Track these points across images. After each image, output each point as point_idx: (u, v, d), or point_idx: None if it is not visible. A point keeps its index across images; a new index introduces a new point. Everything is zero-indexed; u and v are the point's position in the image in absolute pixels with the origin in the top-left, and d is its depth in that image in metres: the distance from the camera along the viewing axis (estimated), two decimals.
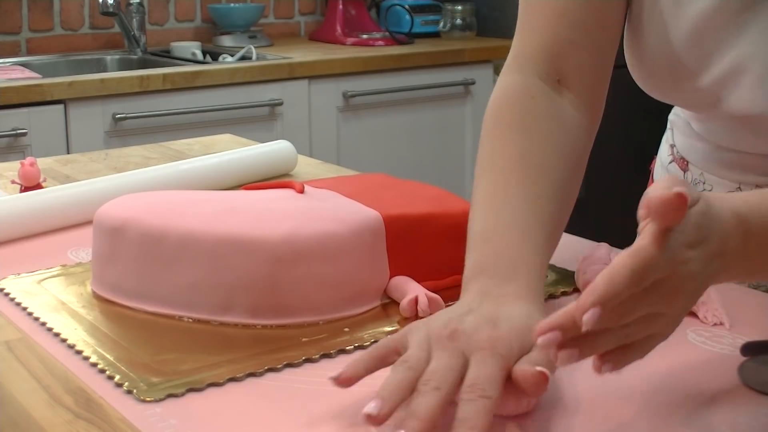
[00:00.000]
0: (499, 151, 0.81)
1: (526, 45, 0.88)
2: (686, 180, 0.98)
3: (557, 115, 0.84)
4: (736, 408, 0.64)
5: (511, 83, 0.87)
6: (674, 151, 1.01)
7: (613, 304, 0.56)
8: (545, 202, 0.77)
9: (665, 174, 1.04)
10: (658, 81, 0.89)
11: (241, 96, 2.52)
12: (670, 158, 1.02)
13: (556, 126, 0.83)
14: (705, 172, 0.97)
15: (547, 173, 0.79)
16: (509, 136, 0.82)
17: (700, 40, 0.83)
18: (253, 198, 0.87)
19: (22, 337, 0.77)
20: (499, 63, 3.02)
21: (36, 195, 1.06)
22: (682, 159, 0.99)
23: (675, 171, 1.01)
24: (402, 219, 0.84)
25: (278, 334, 0.76)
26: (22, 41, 2.77)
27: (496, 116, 0.85)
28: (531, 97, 0.85)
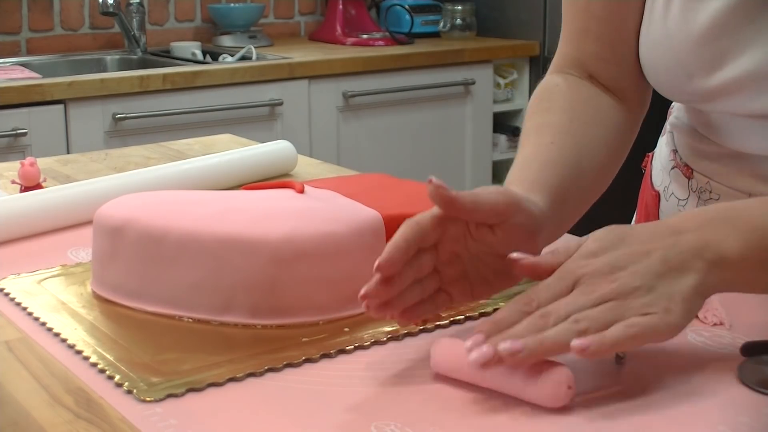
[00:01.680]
0: (526, 130, 0.87)
1: (561, 54, 0.96)
2: (692, 187, 0.96)
3: (580, 94, 0.91)
4: (736, 408, 0.64)
5: (556, 79, 0.93)
6: (677, 157, 0.99)
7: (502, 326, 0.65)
8: (557, 147, 0.83)
9: (667, 177, 1.01)
10: (671, 77, 0.88)
11: (241, 96, 2.52)
12: (673, 163, 1.00)
13: (578, 100, 0.90)
14: (712, 181, 0.94)
15: (565, 132, 0.85)
16: (535, 116, 0.89)
17: (717, 36, 0.83)
18: (253, 198, 0.87)
19: (22, 337, 0.77)
20: (499, 63, 3.02)
21: (36, 195, 1.06)
22: (687, 166, 0.97)
23: (679, 178, 0.98)
24: (402, 219, 0.84)
25: (278, 334, 0.76)
26: (22, 41, 2.77)
27: (530, 109, 0.91)
28: (556, 85, 0.92)
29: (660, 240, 0.67)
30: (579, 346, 0.62)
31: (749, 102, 0.83)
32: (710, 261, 0.66)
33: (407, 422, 0.62)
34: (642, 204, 1.10)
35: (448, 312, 0.79)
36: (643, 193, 1.10)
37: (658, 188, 1.03)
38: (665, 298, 0.65)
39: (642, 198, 1.10)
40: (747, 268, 0.67)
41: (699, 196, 0.96)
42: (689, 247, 0.67)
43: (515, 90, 3.08)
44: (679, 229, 0.68)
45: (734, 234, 0.67)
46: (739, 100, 0.84)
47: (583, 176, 0.84)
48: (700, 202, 0.95)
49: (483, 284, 0.73)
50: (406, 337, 0.76)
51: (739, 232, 0.67)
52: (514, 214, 0.71)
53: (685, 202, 0.98)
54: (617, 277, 0.65)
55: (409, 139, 2.86)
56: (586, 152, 0.85)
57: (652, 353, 0.71)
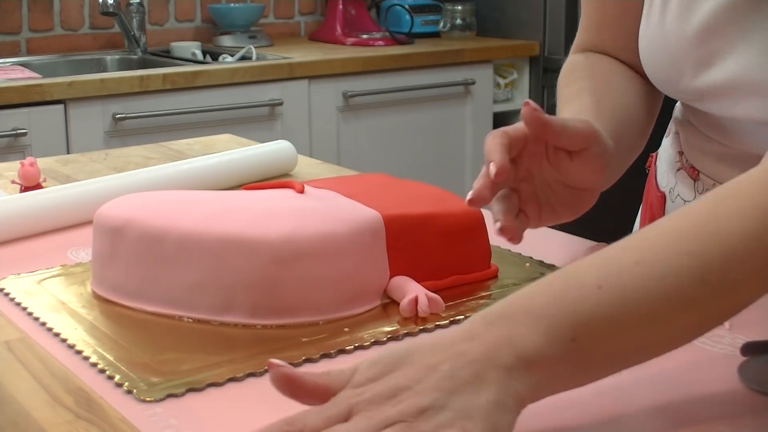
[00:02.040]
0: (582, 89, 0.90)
1: (581, 39, 1.00)
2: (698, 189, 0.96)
3: (627, 73, 0.95)
4: (736, 408, 0.64)
5: (579, 57, 0.98)
6: (683, 159, 0.99)
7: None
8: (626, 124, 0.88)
9: (672, 178, 1.00)
10: (665, 75, 0.89)
11: (241, 96, 2.52)
12: (678, 165, 0.99)
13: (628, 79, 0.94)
14: (717, 183, 0.92)
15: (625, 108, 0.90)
16: (589, 81, 0.92)
17: (708, 38, 0.83)
18: (253, 198, 0.87)
19: (22, 337, 0.77)
20: (499, 63, 3.02)
21: (36, 195, 1.06)
22: (693, 168, 0.97)
23: (685, 180, 0.98)
24: (402, 219, 0.84)
25: (278, 334, 0.76)
26: (22, 41, 2.77)
27: (571, 72, 0.96)
28: (578, 60, 0.97)
29: (445, 351, 0.56)
30: None
31: (733, 106, 0.84)
32: (507, 366, 0.55)
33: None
34: (647, 204, 1.10)
35: (447, 312, 0.80)
36: (648, 193, 1.10)
37: (663, 189, 1.03)
38: (461, 417, 0.53)
39: (647, 198, 1.10)
40: (551, 364, 0.56)
41: None
42: (480, 354, 0.55)
43: (515, 90, 3.08)
44: (467, 335, 0.57)
45: (528, 326, 0.56)
46: (724, 103, 0.84)
47: (628, 130, 0.88)
48: None
49: (549, 211, 0.78)
50: (406, 337, 0.76)
51: (534, 324, 0.56)
52: (595, 144, 0.77)
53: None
54: (401, 399, 0.54)
55: (409, 139, 2.86)
56: (625, 110, 0.89)
57: None
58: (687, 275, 0.57)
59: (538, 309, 0.57)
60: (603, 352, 0.58)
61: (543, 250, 0.95)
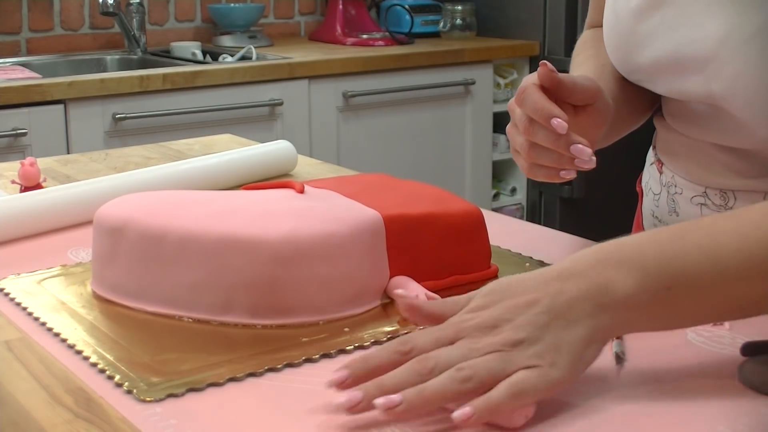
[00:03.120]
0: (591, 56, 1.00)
1: (591, 19, 1.08)
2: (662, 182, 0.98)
3: None
4: (736, 408, 0.64)
5: (593, 30, 1.06)
6: (655, 153, 1.02)
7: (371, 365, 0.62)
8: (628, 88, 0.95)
9: (647, 174, 1.04)
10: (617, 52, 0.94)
11: (241, 96, 2.52)
12: (652, 159, 1.02)
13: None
14: (676, 175, 0.96)
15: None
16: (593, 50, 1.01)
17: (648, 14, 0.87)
18: (253, 198, 0.87)
19: (22, 337, 0.77)
20: (499, 63, 3.02)
21: (36, 195, 1.06)
22: (659, 161, 1.00)
23: (654, 173, 1.01)
24: (402, 219, 0.84)
25: (278, 334, 0.76)
26: (22, 41, 2.77)
27: (584, 42, 1.05)
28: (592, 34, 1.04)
29: (545, 288, 0.64)
30: (462, 416, 0.58)
31: (675, 82, 0.87)
32: (600, 304, 0.63)
33: (407, 422, 0.62)
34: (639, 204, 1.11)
35: None
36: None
37: (642, 185, 1.05)
38: (551, 350, 0.61)
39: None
40: (642, 307, 0.63)
41: (668, 190, 0.98)
42: (576, 293, 0.63)
43: (515, 90, 3.07)
44: (566, 274, 0.64)
45: (625, 273, 0.63)
46: (668, 80, 0.87)
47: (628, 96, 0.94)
48: (669, 197, 0.97)
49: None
50: None
51: (630, 270, 0.63)
52: (599, 99, 0.83)
53: (658, 197, 1.00)
54: (501, 330, 0.62)
55: (409, 139, 2.86)
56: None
57: (652, 353, 0.71)
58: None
59: (639, 257, 0.64)
60: (694, 304, 0.64)
61: (543, 250, 0.95)
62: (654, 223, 1.01)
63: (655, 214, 1.01)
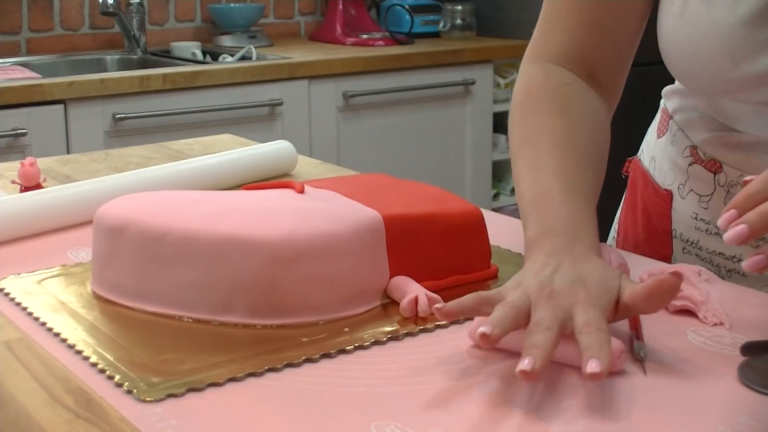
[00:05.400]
0: (541, 131, 0.88)
1: (556, 44, 0.96)
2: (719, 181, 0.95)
3: (590, 105, 0.92)
4: (736, 408, 0.64)
5: (543, 71, 0.94)
6: (698, 153, 0.98)
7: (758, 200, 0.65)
8: (591, 175, 0.85)
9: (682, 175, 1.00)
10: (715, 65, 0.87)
11: (241, 96, 2.53)
12: (691, 159, 0.99)
13: (588, 112, 0.91)
14: (744, 173, 0.92)
15: (582, 152, 0.87)
16: (548, 118, 0.89)
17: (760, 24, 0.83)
18: (253, 198, 0.87)
19: (22, 337, 0.77)
20: (499, 63, 3.02)
21: (36, 195, 1.06)
22: (713, 161, 0.96)
23: (701, 173, 0.97)
24: (402, 219, 0.84)
25: (278, 334, 0.76)
26: (22, 41, 2.77)
27: (531, 98, 0.92)
28: (567, 85, 0.93)
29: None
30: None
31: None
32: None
33: (407, 422, 0.62)
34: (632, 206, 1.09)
35: None
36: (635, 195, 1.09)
37: (669, 187, 1.02)
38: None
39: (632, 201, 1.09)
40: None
41: (728, 190, 0.94)
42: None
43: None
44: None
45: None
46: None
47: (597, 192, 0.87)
48: (728, 196, 0.94)
49: None
50: (407, 337, 0.76)
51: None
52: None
53: (709, 198, 0.97)
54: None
55: (409, 139, 2.86)
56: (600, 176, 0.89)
57: (652, 353, 0.71)
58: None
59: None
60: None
61: None
62: (696, 226, 0.99)
63: (700, 216, 0.98)
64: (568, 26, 0.95)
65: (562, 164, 0.84)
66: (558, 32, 0.96)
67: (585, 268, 0.73)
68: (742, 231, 0.64)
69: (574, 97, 0.92)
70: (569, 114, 0.90)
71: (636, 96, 0.99)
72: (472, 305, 0.70)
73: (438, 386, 0.68)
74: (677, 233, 1.01)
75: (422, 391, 0.67)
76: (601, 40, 0.94)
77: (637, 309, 0.71)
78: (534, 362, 0.63)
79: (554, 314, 0.67)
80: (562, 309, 0.68)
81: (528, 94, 0.92)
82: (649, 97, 1.12)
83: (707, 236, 0.98)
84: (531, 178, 0.84)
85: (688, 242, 1.00)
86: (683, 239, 1.01)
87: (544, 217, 0.80)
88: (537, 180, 0.84)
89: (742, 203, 0.65)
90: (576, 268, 0.73)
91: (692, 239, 1.00)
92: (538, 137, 0.87)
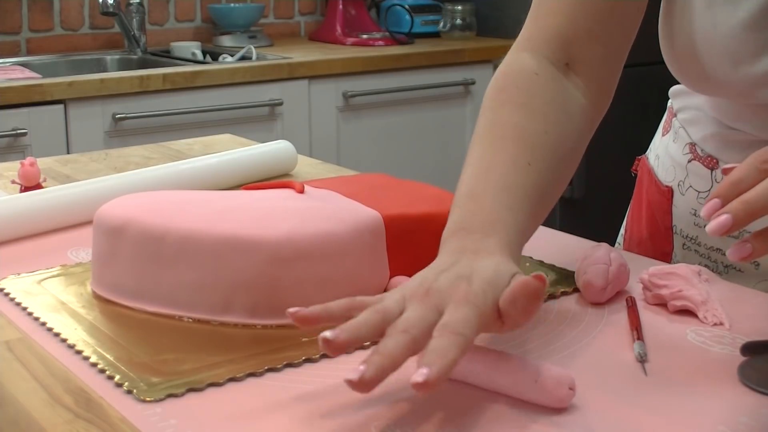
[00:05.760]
0: (497, 123, 0.82)
1: (540, 27, 0.89)
2: (716, 178, 0.95)
3: (559, 95, 0.85)
4: (736, 408, 0.64)
5: (517, 60, 0.88)
6: (697, 150, 0.99)
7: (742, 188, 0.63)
8: (535, 171, 0.77)
9: (682, 172, 1.01)
10: (716, 67, 0.87)
11: (241, 96, 2.52)
12: (690, 156, 1.00)
13: (556, 105, 0.84)
14: None
15: (541, 147, 0.80)
16: (508, 108, 0.83)
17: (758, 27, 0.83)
18: (253, 198, 0.87)
19: (22, 337, 0.77)
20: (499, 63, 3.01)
21: (36, 195, 1.06)
22: (710, 157, 0.97)
23: (699, 170, 0.98)
24: (402, 219, 0.84)
25: (278, 334, 0.76)
26: (22, 41, 2.77)
27: (497, 89, 0.86)
28: (534, 74, 0.85)
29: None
30: None
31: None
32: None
33: (407, 422, 0.62)
34: (639, 204, 1.10)
35: None
36: (641, 193, 1.10)
37: (669, 184, 1.03)
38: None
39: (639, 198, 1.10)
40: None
41: None
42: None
43: None
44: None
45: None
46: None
47: (550, 197, 0.81)
48: None
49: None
50: None
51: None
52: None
53: (707, 194, 0.98)
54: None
55: (409, 139, 2.86)
56: (556, 171, 0.81)
57: (652, 353, 0.71)
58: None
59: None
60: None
61: (543, 249, 0.95)
62: (695, 222, 0.99)
63: (698, 213, 0.98)
64: (555, 8, 0.88)
65: (504, 158, 0.78)
66: (548, 14, 0.89)
67: (481, 264, 0.66)
68: (725, 221, 0.62)
69: (538, 88, 0.85)
70: (528, 105, 0.83)
71: (648, 95, 0.97)
72: (339, 310, 0.64)
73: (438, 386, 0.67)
74: (677, 229, 1.02)
75: None
76: (588, 21, 0.87)
77: (509, 315, 0.64)
78: (365, 371, 0.57)
79: (421, 315, 0.62)
80: (434, 309, 0.62)
81: (495, 84, 0.87)
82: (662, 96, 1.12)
83: (705, 232, 0.98)
84: (467, 172, 0.79)
85: (688, 238, 1.01)
86: (683, 235, 1.01)
87: (463, 214, 0.74)
88: (472, 174, 0.78)
89: (726, 192, 0.63)
90: (472, 264, 0.66)
91: (691, 235, 1.00)
92: (490, 129, 0.81)
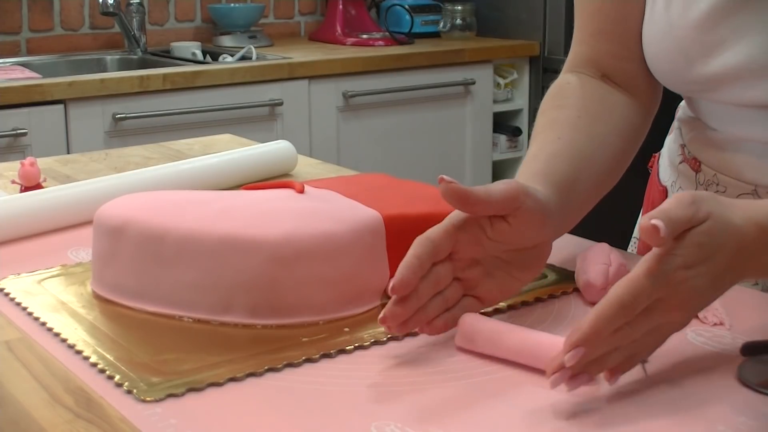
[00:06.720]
0: (538, 123, 0.90)
1: (575, 53, 0.99)
2: (699, 180, 0.97)
3: (595, 92, 0.93)
4: (736, 408, 0.64)
5: (561, 79, 0.97)
6: (685, 151, 1.00)
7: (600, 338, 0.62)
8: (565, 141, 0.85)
9: (674, 173, 1.03)
10: (673, 65, 0.90)
11: (241, 96, 2.52)
12: (681, 158, 1.01)
13: (590, 99, 0.92)
14: (718, 173, 0.94)
15: (570, 127, 0.87)
16: (563, 110, 0.90)
17: (717, 23, 0.84)
18: (253, 198, 0.87)
19: (22, 337, 0.77)
20: (499, 63, 3.02)
21: (36, 195, 1.06)
22: (694, 159, 0.98)
23: (687, 172, 0.99)
24: (402, 219, 0.84)
25: (278, 334, 0.76)
26: (22, 41, 2.77)
27: (553, 98, 0.94)
28: (571, 84, 0.95)
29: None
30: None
31: (745, 91, 0.85)
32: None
33: (407, 422, 0.62)
34: (648, 202, 1.11)
35: None
36: (650, 190, 1.11)
37: (665, 183, 1.04)
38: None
39: (648, 196, 1.11)
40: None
41: (706, 188, 0.96)
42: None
43: (515, 90, 3.08)
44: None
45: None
46: (736, 89, 0.85)
47: (592, 168, 0.86)
48: None
49: (509, 280, 0.76)
50: (406, 338, 0.76)
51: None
52: (525, 199, 0.73)
53: None
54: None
55: (409, 139, 2.86)
56: (595, 145, 0.87)
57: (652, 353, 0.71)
58: None
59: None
60: None
61: None
62: None
63: None
64: (582, 36, 0.98)
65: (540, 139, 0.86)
66: (575, 43, 0.99)
67: None
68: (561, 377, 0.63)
69: (573, 91, 0.93)
70: (564, 105, 0.91)
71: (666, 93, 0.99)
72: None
73: (438, 386, 0.68)
74: None
75: (422, 391, 0.67)
76: (609, 45, 0.95)
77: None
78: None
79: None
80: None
81: (555, 91, 0.95)
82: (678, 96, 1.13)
83: None
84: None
85: None
86: None
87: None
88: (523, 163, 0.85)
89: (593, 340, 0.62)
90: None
91: None
92: (535, 130, 0.90)
